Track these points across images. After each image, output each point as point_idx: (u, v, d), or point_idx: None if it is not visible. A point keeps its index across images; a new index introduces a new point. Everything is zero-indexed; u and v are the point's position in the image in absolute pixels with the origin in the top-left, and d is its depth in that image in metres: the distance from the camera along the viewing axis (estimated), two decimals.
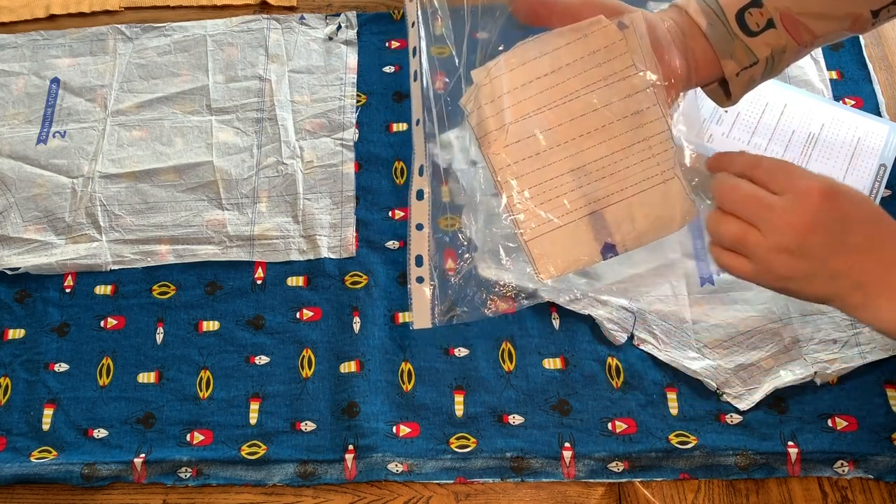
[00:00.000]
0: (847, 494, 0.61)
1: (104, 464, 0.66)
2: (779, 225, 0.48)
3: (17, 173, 0.80)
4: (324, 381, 0.69)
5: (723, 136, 0.73)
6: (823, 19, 0.56)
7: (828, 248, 0.48)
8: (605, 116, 0.53)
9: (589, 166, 0.53)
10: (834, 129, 0.73)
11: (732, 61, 0.55)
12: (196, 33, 0.87)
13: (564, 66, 0.53)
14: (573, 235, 0.53)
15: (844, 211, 0.48)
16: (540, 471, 0.64)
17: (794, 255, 0.48)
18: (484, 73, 0.54)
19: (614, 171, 0.53)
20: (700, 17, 0.55)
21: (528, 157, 0.53)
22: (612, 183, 0.53)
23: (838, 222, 0.48)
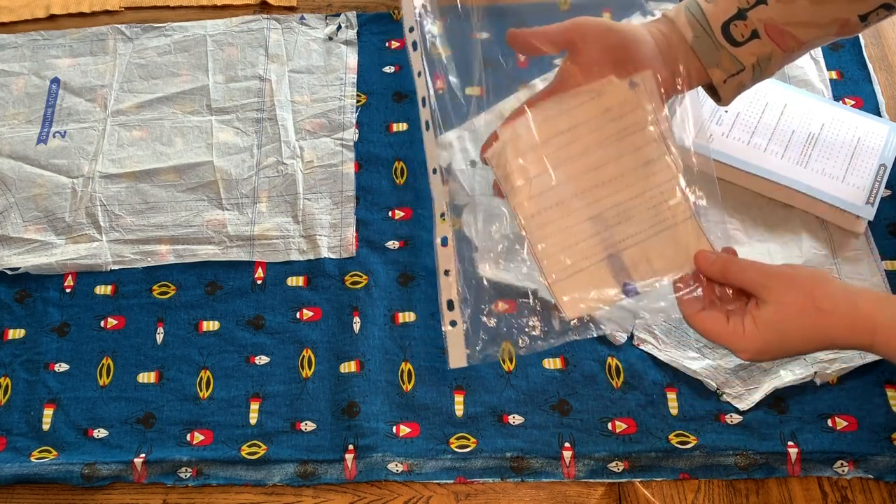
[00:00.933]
0: (847, 494, 0.61)
1: (104, 464, 0.66)
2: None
3: (17, 173, 0.80)
4: (324, 381, 0.69)
5: (722, 136, 0.73)
6: (809, 27, 0.57)
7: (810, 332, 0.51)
8: (619, 167, 0.57)
9: (606, 213, 0.57)
10: (834, 129, 0.73)
11: (719, 70, 0.57)
12: (196, 33, 0.87)
13: (581, 124, 0.58)
14: (594, 278, 0.56)
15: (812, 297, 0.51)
16: (540, 471, 0.64)
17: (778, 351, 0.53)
18: (510, 130, 0.59)
19: (629, 216, 0.57)
20: (687, 30, 0.57)
21: (550, 207, 0.57)
22: (628, 227, 0.57)
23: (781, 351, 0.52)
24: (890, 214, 0.72)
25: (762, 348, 0.52)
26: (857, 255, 0.70)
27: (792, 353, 0.53)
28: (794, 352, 0.53)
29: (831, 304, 0.50)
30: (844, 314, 0.50)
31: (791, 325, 0.51)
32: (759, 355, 0.52)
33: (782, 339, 0.51)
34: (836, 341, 0.51)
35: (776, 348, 0.52)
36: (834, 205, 0.70)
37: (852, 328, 0.50)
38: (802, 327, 0.51)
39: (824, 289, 0.51)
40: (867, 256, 0.70)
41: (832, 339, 0.51)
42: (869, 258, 0.69)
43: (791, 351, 0.53)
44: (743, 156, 0.72)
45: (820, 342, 0.51)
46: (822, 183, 0.70)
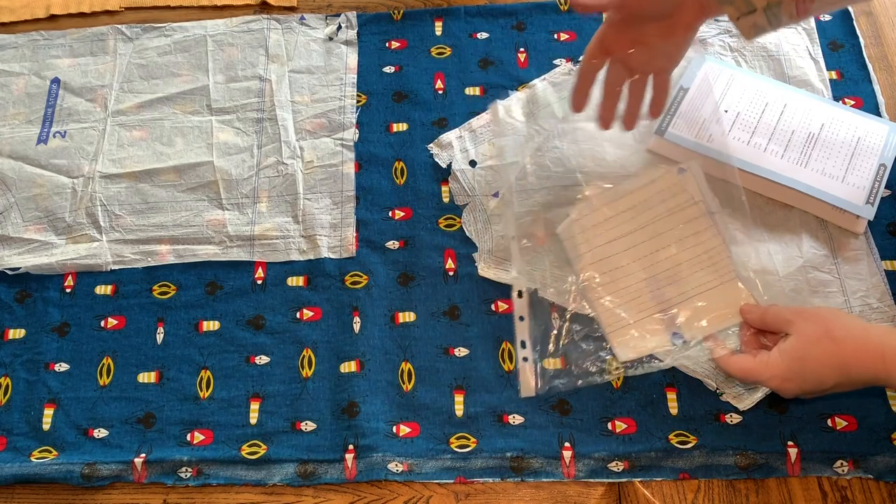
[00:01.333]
0: (847, 494, 0.61)
1: (104, 464, 0.66)
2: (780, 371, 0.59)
3: (17, 173, 0.80)
4: (324, 380, 0.69)
5: (722, 136, 0.73)
6: None
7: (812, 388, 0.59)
8: (671, 237, 0.69)
9: (659, 275, 0.68)
10: (834, 128, 0.73)
11: (732, 7, 0.61)
12: (196, 33, 0.88)
13: (638, 204, 0.70)
14: (646, 328, 0.67)
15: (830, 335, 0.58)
16: (540, 470, 0.64)
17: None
18: (577, 209, 0.71)
19: (680, 278, 0.68)
20: None
21: (610, 271, 0.69)
22: (679, 287, 0.67)
23: (806, 391, 0.59)
24: (890, 214, 0.72)
25: (785, 374, 0.58)
26: (856, 255, 0.70)
27: (812, 379, 0.58)
28: (814, 378, 0.58)
29: (844, 333, 0.57)
30: (856, 342, 0.56)
31: (809, 353, 0.58)
32: (784, 382, 0.58)
33: (802, 365, 0.58)
34: (849, 367, 0.56)
35: (797, 374, 0.58)
36: (834, 205, 0.70)
37: (863, 355, 0.56)
38: (819, 354, 0.57)
39: (840, 321, 0.58)
40: (867, 256, 0.70)
41: (845, 364, 0.56)
42: (869, 258, 0.69)
43: (811, 377, 0.58)
44: (743, 155, 0.72)
45: (835, 367, 0.57)
46: (821, 183, 0.70)
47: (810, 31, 0.82)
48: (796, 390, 0.59)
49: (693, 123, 0.74)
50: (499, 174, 0.76)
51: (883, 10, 0.83)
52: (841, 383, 0.57)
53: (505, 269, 0.72)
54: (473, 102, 0.81)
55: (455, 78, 0.83)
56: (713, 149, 0.72)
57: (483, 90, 0.82)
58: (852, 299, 0.68)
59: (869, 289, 0.68)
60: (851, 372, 0.56)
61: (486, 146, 0.78)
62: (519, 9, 0.86)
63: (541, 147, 0.77)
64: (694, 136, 0.73)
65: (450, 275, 0.72)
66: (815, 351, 0.58)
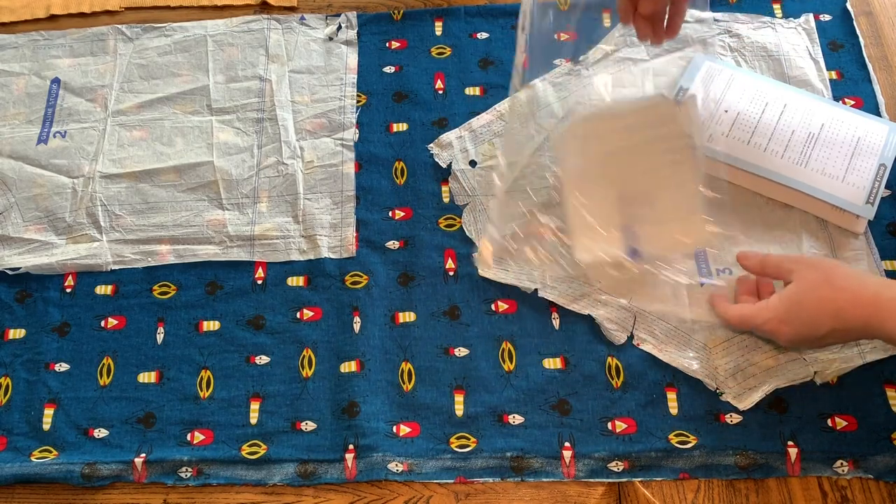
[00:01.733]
0: (847, 494, 0.61)
1: (104, 463, 0.66)
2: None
3: (17, 173, 0.80)
4: (324, 380, 0.69)
5: (723, 135, 0.73)
6: None
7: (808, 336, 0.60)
8: (651, 162, 0.69)
9: (633, 195, 0.69)
10: (834, 128, 0.73)
11: None
12: (196, 33, 0.88)
13: (629, 124, 0.70)
14: (606, 235, 0.68)
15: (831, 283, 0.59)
16: (540, 470, 0.64)
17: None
18: (573, 120, 0.75)
19: (649, 200, 0.69)
20: None
21: (590, 181, 0.70)
22: (648, 210, 0.68)
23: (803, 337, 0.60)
24: (890, 214, 0.72)
25: (782, 317, 0.60)
26: (856, 255, 0.70)
27: (808, 323, 0.59)
28: (810, 322, 0.59)
29: (842, 281, 0.58)
30: (853, 290, 0.58)
31: (807, 297, 0.59)
32: (781, 324, 0.60)
33: (799, 308, 0.59)
34: (844, 313, 0.57)
35: (794, 317, 0.59)
36: (834, 204, 0.70)
37: (859, 302, 0.57)
38: (816, 299, 0.59)
39: (840, 270, 0.60)
40: (867, 256, 0.70)
41: (841, 310, 0.57)
42: (869, 258, 0.70)
43: (807, 320, 0.59)
44: (743, 155, 0.72)
45: (830, 313, 0.58)
46: (821, 182, 0.70)
47: (810, 31, 0.82)
48: (791, 334, 0.60)
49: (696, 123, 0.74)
50: (499, 174, 0.76)
51: (883, 10, 0.83)
52: (835, 330, 0.58)
53: (505, 268, 0.72)
54: (473, 102, 0.81)
55: (455, 78, 0.83)
56: (713, 148, 0.72)
57: (483, 90, 0.82)
58: None
59: None
60: (846, 318, 0.57)
61: (486, 146, 0.78)
62: (519, 9, 0.86)
63: (541, 147, 0.77)
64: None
65: (450, 275, 0.72)
66: (812, 296, 0.59)
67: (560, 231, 0.71)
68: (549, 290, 0.70)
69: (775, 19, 0.83)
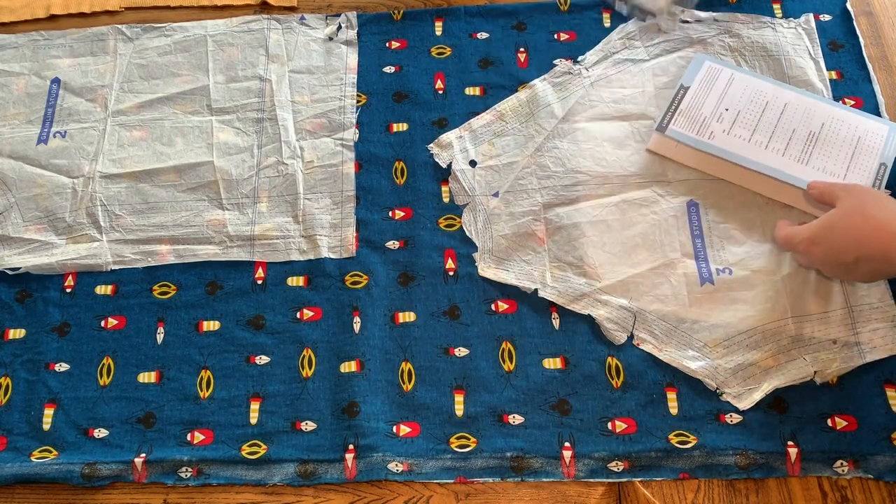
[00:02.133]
0: (847, 494, 0.61)
1: (104, 463, 0.66)
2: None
3: (17, 173, 0.80)
4: (324, 380, 0.69)
5: (724, 133, 0.73)
6: None
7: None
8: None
9: None
10: (834, 128, 0.73)
11: None
12: (196, 33, 0.88)
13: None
14: None
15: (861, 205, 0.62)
16: (540, 470, 0.64)
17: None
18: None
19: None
20: None
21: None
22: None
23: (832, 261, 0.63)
24: None
25: (814, 237, 0.63)
26: None
27: (835, 247, 0.62)
28: (836, 247, 0.62)
29: (875, 211, 0.61)
30: (881, 219, 0.60)
31: (838, 222, 0.62)
32: (812, 245, 0.63)
33: (830, 232, 0.62)
34: (867, 241, 0.60)
35: (824, 239, 0.62)
36: None
37: (881, 231, 0.59)
38: (846, 225, 0.62)
39: (878, 200, 0.62)
40: None
41: (864, 238, 0.60)
42: None
43: (834, 245, 0.62)
44: (744, 153, 0.72)
45: (855, 240, 0.61)
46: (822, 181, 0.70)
47: (810, 31, 0.82)
48: (821, 255, 0.63)
49: (694, 121, 0.74)
50: (499, 174, 0.76)
51: (883, 10, 0.83)
52: (860, 259, 0.60)
53: (505, 268, 0.72)
54: (473, 102, 0.81)
55: (455, 78, 0.83)
56: (714, 146, 0.72)
57: (483, 90, 0.82)
58: (852, 299, 0.68)
59: (869, 289, 0.68)
60: (868, 247, 0.60)
61: (486, 146, 0.78)
62: (519, 9, 0.86)
63: (541, 147, 0.77)
64: (695, 133, 0.73)
65: (450, 275, 0.72)
66: (843, 222, 0.62)
67: (559, 231, 0.70)
68: (549, 290, 0.70)
69: (775, 19, 0.83)
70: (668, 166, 0.75)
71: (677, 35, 0.83)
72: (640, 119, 0.78)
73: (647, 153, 0.76)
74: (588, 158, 0.76)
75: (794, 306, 0.68)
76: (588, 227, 0.72)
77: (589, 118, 0.78)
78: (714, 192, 0.74)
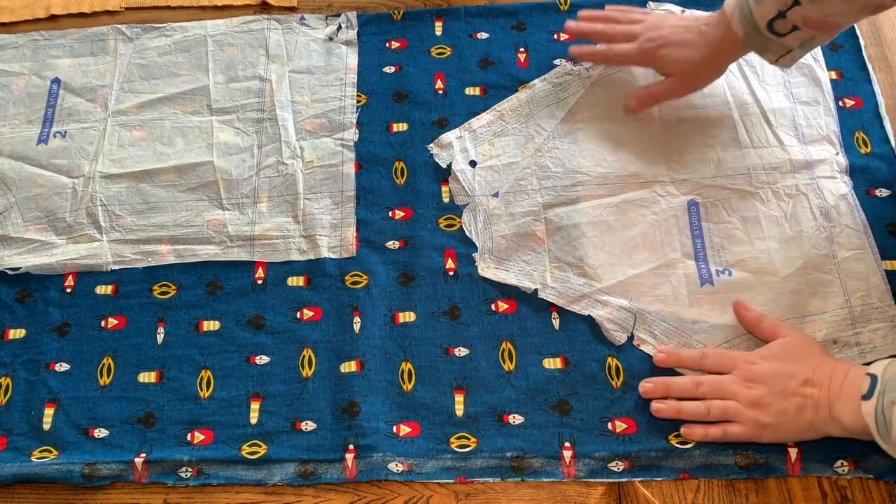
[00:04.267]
0: (847, 494, 0.61)
1: (105, 463, 0.66)
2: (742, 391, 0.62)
3: (17, 173, 0.80)
4: (324, 380, 0.69)
5: None
6: (844, 15, 0.64)
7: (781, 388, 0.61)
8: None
9: None
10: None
11: (770, 53, 0.69)
12: (196, 34, 0.88)
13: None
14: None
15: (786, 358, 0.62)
16: (540, 470, 0.64)
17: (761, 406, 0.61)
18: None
19: None
20: (739, 29, 0.68)
21: None
22: None
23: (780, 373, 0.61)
24: (890, 214, 0.72)
25: (766, 354, 0.63)
26: (856, 255, 0.70)
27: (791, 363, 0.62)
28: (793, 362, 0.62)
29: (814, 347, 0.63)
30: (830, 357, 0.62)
31: (794, 340, 0.63)
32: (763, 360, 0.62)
33: (788, 350, 0.62)
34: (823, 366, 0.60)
35: (786, 354, 0.62)
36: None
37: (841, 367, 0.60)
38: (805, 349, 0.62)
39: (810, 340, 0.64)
40: (867, 256, 0.70)
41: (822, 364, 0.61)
42: (869, 258, 0.69)
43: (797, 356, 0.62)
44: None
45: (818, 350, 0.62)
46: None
47: None
48: (767, 369, 0.62)
49: None
50: (499, 174, 0.76)
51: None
52: (807, 382, 0.60)
53: (505, 269, 0.72)
54: (473, 102, 0.81)
55: (455, 78, 0.83)
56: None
57: (483, 90, 0.82)
58: (852, 299, 0.68)
59: (869, 289, 0.68)
60: (823, 371, 0.60)
61: (486, 146, 0.78)
62: (519, 9, 0.86)
63: (541, 147, 0.77)
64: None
65: (450, 275, 0.72)
66: (799, 339, 0.63)
67: (559, 231, 0.70)
68: (549, 291, 0.70)
69: None
70: (668, 166, 0.75)
71: None
72: (641, 119, 0.78)
73: (647, 153, 0.76)
74: (588, 158, 0.76)
75: (794, 307, 0.68)
76: (588, 228, 0.73)
77: (589, 118, 0.78)
78: (714, 192, 0.74)
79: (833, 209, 0.72)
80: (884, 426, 0.54)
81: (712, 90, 0.78)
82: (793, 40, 0.66)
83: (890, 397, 0.54)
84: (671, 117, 0.78)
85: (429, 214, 0.76)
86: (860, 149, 0.76)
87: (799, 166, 0.74)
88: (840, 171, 0.74)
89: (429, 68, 0.84)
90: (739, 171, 0.74)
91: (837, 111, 0.77)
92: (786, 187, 0.73)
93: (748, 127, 0.77)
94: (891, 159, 0.75)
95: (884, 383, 0.55)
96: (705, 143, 0.76)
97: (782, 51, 0.67)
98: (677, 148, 0.76)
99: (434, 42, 0.86)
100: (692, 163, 0.75)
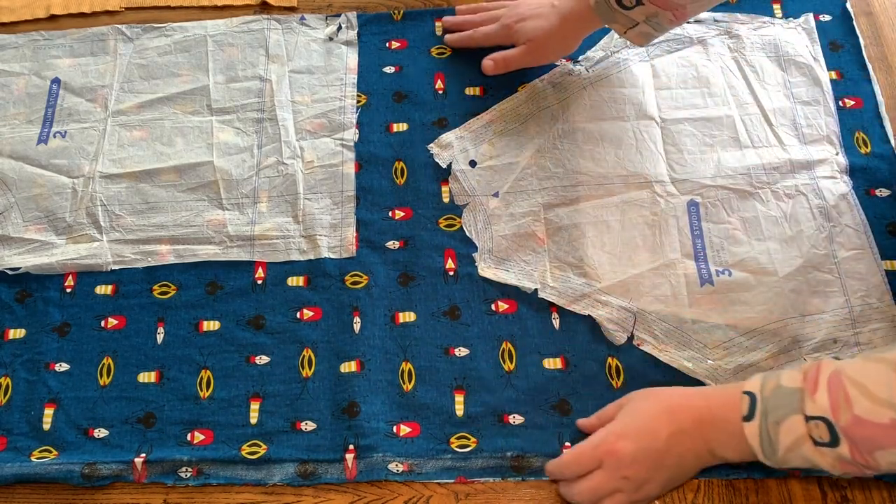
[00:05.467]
0: (847, 494, 0.61)
1: (104, 463, 0.66)
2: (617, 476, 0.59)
3: (17, 173, 0.80)
4: (324, 380, 0.69)
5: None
6: None
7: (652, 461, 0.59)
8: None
9: None
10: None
11: (617, 24, 0.73)
12: (196, 34, 0.88)
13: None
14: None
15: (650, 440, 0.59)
16: (540, 470, 0.64)
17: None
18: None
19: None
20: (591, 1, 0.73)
21: None
22: None
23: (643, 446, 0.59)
24: (890, 214, 0.72)
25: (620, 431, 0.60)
26: (856, 255, 0.70)
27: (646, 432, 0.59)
28: (647, 430, 0.59)
29: (671, 389, 0.62)
30: (681, 391, 0.62)
31: (639, 406, 0.61)
32: (619, 439, 0.59)
33: (634, 417, 0.60)
34: (675, 410, 0.59)
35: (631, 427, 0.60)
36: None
37: (686, 397, 0.60)
38: (648, 404, 0.61)
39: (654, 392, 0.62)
40: (867, 256, 0.70)
41: (672, 407, 0.59)
42: (869, 258, 0.70)
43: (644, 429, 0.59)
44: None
45: (664, 411, 0.59)
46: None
47: (810, 31, 0.82)
48: (633, 448, 0.58)
49: None
50: (499, 174, 0.76)
51: (883, 10, 0.83)
52: (673, 434, 0.58)
53: (505, 269, 0.72)
54: (473, 102, 0.81)
55: (455, 78, 0.83)
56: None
57: (483, 90, 0.82)
58: (852, 299, 0.68)
59: (869, 289, 0.68)
60: (679, 417, 0.58)
61: (486, 146, 0.78)
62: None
63: (541, 147, 0.77)
64: None
65: (450, 275, 0.72)
66: (644, 403, 0.61)
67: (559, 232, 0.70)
68: (550, 291, 0.70)
69: (775, 19, 0.83)
70: (668, 166, 0.75)
71: (677, 35, 0.83)
72: (641, 119, 0.78)
73: (647, 153, 0.76)
74: (588, 159, 0.76)
75: (794, 307, 0.68)
76: (588, 228, 0.73)
77: (589, 118, 0.78)
78: (714, 192, 0.74)
79: (833, 209, 0.72)
80: (769, 446, 0.54)
81: (712, 90, 0.78)
82: (638, 14, 0.70)
83: (773, 417, 0.54)
84: (671, 117, 0.78)
85: (429, 214, 0.76)
86: (860, 149, 0.76)
87: (799, 166, 0.74)
88: (840, 171, 0.74)
89: (429, 68, 0.84)
90: (739, 171, 0.74)
91: (837, 111, 0.78)
92: (786, 187, 0.73)
93: (748, 127, 0.77)
94: (891, 159, 0.75)
95: (764, 402, 0.54)
96: (705, 143, 0.76)
97: (629, 23, 0.72)
98: (677, 148, 0.76)
99: (434, 42, 0.86)
100: (692, 163, 0.75)
